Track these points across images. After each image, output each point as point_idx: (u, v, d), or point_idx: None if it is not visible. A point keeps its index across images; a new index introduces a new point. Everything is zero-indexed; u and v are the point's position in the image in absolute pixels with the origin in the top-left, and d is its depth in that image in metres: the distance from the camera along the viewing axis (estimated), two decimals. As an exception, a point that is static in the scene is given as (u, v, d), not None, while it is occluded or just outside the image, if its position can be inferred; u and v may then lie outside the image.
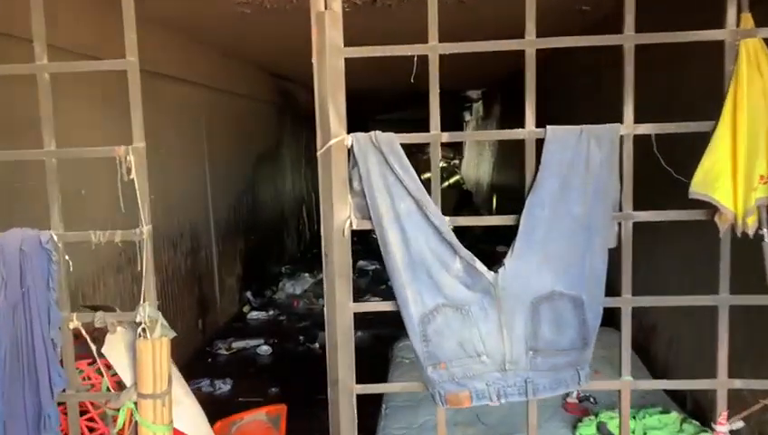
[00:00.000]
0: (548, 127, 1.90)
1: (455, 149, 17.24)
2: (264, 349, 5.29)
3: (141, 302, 2.03)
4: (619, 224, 1.93)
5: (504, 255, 1.90)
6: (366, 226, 1.95)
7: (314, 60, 1.91)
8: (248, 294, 6.75)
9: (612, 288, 1.95)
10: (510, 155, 10.14)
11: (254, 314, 6.37)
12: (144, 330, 1.98)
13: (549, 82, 6.88)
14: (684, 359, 3.63)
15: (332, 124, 1.90)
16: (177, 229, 4.97)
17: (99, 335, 2.17)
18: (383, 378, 3.65)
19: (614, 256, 1.94)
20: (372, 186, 1.90)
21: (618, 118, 1.90)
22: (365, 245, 4.21)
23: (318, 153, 1.93)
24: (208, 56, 5.78)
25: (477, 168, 14.31)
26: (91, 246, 1.98)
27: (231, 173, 6.47)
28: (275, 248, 8.21)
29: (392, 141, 1.89)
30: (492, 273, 1.91)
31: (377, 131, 1.91)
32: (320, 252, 1.98)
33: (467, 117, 15.88)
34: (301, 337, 5.59)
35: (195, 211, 5.41)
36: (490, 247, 6.91)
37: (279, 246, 8.44)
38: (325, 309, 2.00)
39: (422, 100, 2.02)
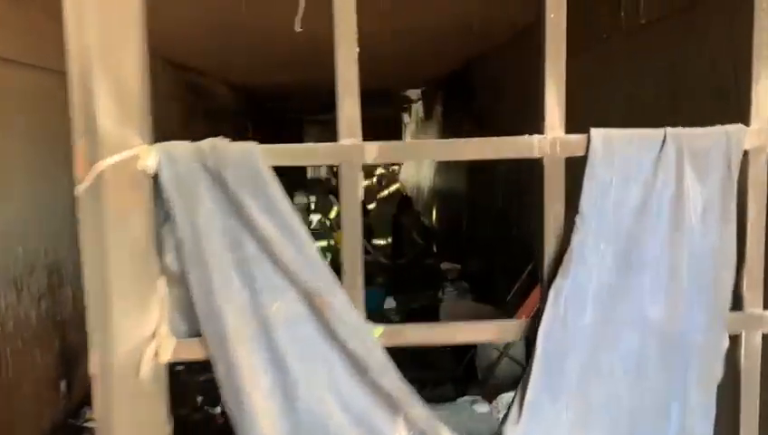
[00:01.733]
0: (594, 131, 0.88)
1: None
2: (149, 417, 4.06)
3: None
4: (732, 337, 0.93)
5: (449, 273, 0.87)
6: (195, 353, 0.87)
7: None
8: (140, 333, 5.47)
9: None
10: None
11: (144, 363, 5.11)
12: None
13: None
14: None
15: (102, 119, 0.80)
16: (23, 265, 3.70)
17: None
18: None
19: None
20: (207, 262, 0.83)
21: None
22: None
23: (76, 189, 0.83)
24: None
25: (417, 171, 13.46)
26: None
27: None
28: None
29: (251, 162, 0.83)
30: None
31: (214, 140, 0.83)
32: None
33: (406, 119, 15.03)
34: (199, 397, 4.40)
35: (52, 237, 4.14)
36: (435, 263, 5.80)
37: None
38: None
39: (364, 97, 0.96)
